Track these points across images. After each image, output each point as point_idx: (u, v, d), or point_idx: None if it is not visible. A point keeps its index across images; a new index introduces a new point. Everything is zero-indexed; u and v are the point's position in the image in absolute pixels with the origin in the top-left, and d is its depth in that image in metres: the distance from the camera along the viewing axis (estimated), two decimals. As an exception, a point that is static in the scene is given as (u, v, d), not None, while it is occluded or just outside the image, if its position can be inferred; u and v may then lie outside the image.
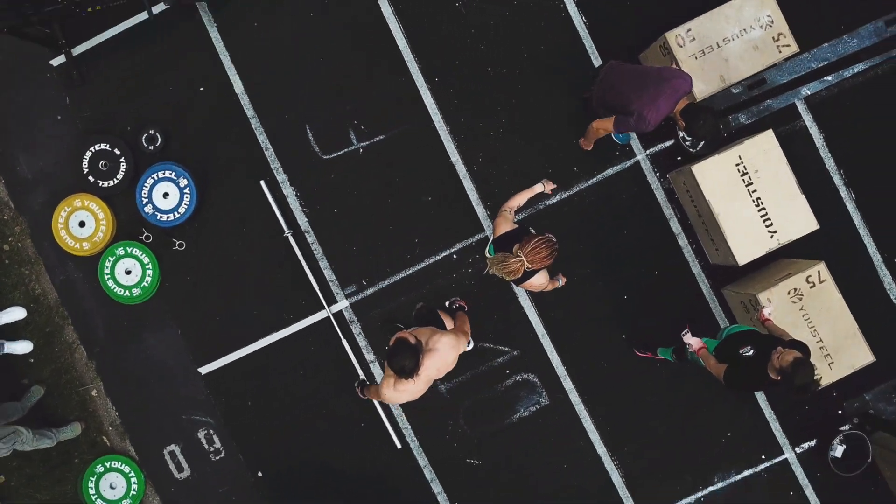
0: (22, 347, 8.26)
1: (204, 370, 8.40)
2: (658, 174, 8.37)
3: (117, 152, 8.19)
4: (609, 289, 8.37)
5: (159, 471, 8.53)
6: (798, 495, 8.38)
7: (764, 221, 7.64)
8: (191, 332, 8.40)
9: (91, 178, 8.22)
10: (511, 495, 8.41)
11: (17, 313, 8.23)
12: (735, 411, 8.36)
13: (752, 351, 6.65)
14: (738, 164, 7.65)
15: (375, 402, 8.29)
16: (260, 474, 8.50)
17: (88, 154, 8.20)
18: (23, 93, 8.36)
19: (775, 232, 7.65)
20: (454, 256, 8.36)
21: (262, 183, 8.26)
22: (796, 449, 8.39)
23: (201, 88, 8.31)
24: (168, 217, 8.17)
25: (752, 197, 7.65)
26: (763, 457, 8.38)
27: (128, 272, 8.19)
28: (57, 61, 8.30)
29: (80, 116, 8.34)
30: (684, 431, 8.36)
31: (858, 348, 7.71)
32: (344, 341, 8.24)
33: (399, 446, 8.36)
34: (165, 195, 8.14)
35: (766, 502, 8.39)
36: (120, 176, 8.22)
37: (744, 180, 7.65)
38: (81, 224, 8.15)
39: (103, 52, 8.30)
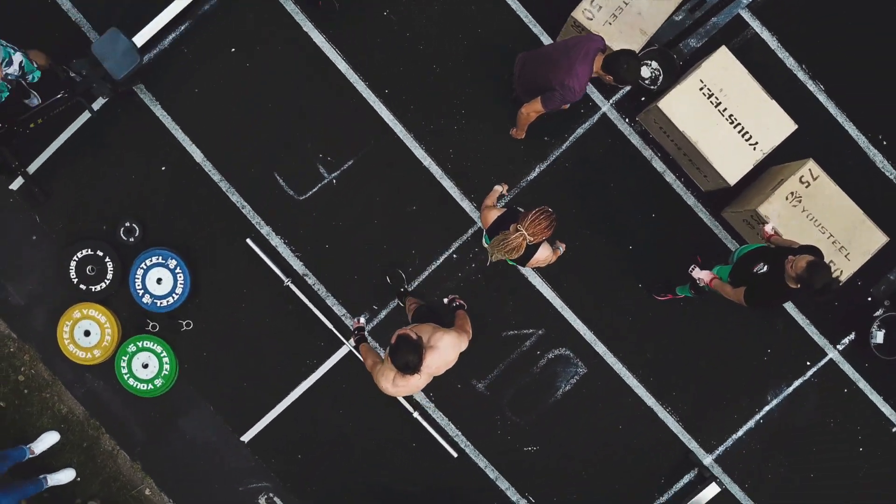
0: (65, 476, 8.25)
1: (246, 438, 8.38)
2: (627, 120, 8.34)
3: (100, 254, 8.15)
4: (613, 244, 8.35)
5: (232, 547, 8.57)
6: (852, 390, 8.37)
7: (743, 136, 7.62)
8: (223, 404, 8.39)
9: (83, 286, 8.19)
10: (577, 470, 8.41)
11: (50, 438, 8.22)
12: (768, 327, 8.34)
13: (765, 267, 6.64)
14: (701, 89, 7.63)
15: (421, 419, 8.29)
16: (330, 522, 8.54)
17: (73, 264, 8.16)
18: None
19: (756, 143, 7.63)
20: (454, 256, 8.33)
21: (248, 241, 8.22)
22: (838, 347, 8.38)
23: (163, 168, 8.26)
24: (167, 301, 8.15)
25: (725, 116, 7.62)
26: (808, 363, 8.37)
27: (145, 366, 8.17)
28: (16, 185, 8.25)
29: (54, 230, 8.29)
30: (725, 361, 8.35)
31: (870, 233, 7.69)
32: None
33: (455, 455, 8.35)
34: (159, 281, 8.12)
35: (823, 405, 8.39)
36: (110, 276, 8.18)
37: (711, 102, 7.62)
38: (86, 333, 8.12)
39: (58, 161, 8.25)
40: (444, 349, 6.16)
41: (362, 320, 7.23)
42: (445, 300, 8.06)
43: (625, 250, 8.34)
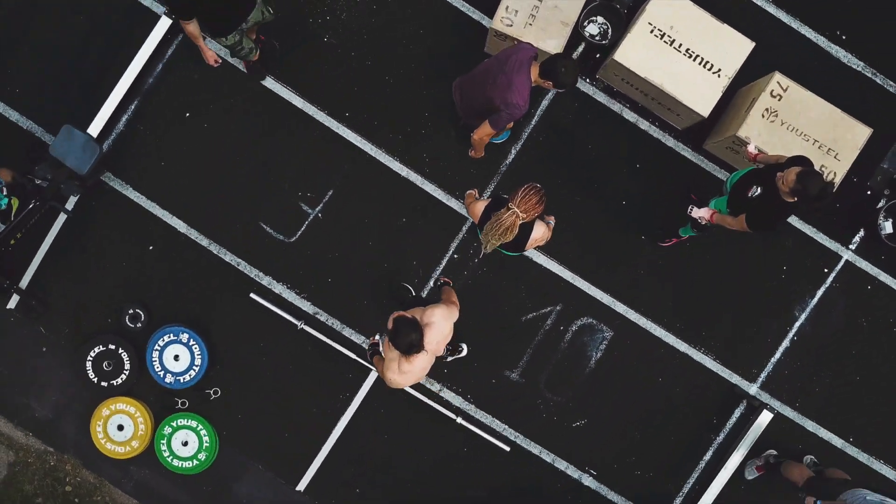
0: None
1: (301, 486, 8.40)
2: (588, 80, 8.31)
3: (112, 347, 8.15)
4: (606, 203, 8.34)
5: None
6: (875, 286, 8.36)
7: (705, 67, 7.58)
8: (270, 460, 8.40)
9: (104, 383, 8.19)
10: (629, 432, 8.41)
11: None
12: (779, 246, 8.33)
13: (759, 189, 6.65)
14: (652, 31, 7.58)
15: (465, 423, 8.28)
16: (404, 547, 8.57)
17: (89, 364, 8.16)
18: (-1, 351, 8.42)
19: (720, 70, 7.59)
20: (455, 256, 8.32)
21: (252, 295, 8.23)
22: (850, 247, 8.35)
23: (150, 247, 8.26)
24: (189, 375, 8.15)
25: (682, 51, 7.58)
26: (825, 270, 8.35)
27: (185, 443, 8.17)
28: (12, 303, 8.28)
29: (61, 337, 8.31)
30: (745, 289, 8.34)
31: (852, 128, 7.65)
32: (409, 388, 8.21)
33: (508, 449, 8.35)
34: (176, 358, 8.12)
35: (850, 307, 8.37)
36: (127, 366, 8.18)
37: (665, 42, 7.58)
38: (120, 428, 8.13)
39: (47, 268, 8.26)
40: (439, 323, 6.23)
41: (377, 338, 7.25)
42: (432, 281, 8.04)
43: (619, 206, 8.33)
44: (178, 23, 6.94)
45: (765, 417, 8.02)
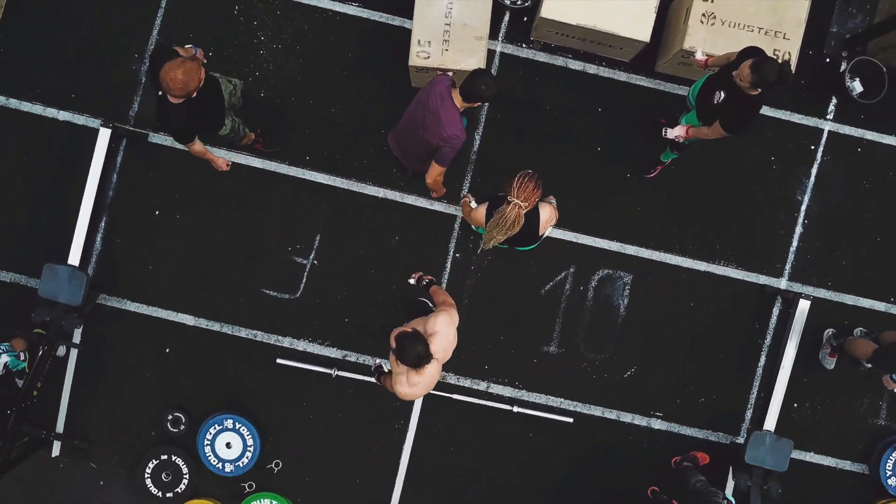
0: None
1: (391, 522, 8.50)
2: (523, 45, 8.29)
3: (165, 457, 8.16)
4: (581, 155, 8.34)
5: None
6: (864, 146, 8.34)
7: (630, -6, 7.56)
8: (352, 509, 8.48)
9: (169, 494, 8.20)
10: (680, 365, 8.41)
11: None
12: (759, 139, 8.32)
13: (722, 94, 6.61)
14: (569, -22, 7.57)
15: (523, 410, 8.28)
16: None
17: (148, 480, 8.17)
18: (61, 500, 8.39)
19: (647, -9, 7.58)
20: (457, 256, 8.32)
21: (279, 360, 8.23)
22: (828, 117, 8.33)
23: (167, 350, 8.27)
24: (247, 458, 8.15)
25: (604, -14, 7.57)
26: (812, 147, 8.33)
27: (265, 524, 8.25)
28: (56, 450, 8.29)
29: (113, 464, 8.34)
30: (740, 191, 8.34)
31: (791, 5, 7.58)
32: (456, 396, 8.25)
33: (571, 420, 8.36)
34: (228, 445, 8.12)
35: (848, 174, 8.37)
36: (185, 470, 8.19)
37: (585, -18, 7.58)
38: (197, 533, 8.20)
39: (77, 405, 8.29)
40: (443, 330, 6.10)
41: (378, 361, 7.22)
42: (412, 280, 7.46)
43: (595, 154, 8.32)
44: (180, 144, 6.82)
45: (803, 306, 7.98)
